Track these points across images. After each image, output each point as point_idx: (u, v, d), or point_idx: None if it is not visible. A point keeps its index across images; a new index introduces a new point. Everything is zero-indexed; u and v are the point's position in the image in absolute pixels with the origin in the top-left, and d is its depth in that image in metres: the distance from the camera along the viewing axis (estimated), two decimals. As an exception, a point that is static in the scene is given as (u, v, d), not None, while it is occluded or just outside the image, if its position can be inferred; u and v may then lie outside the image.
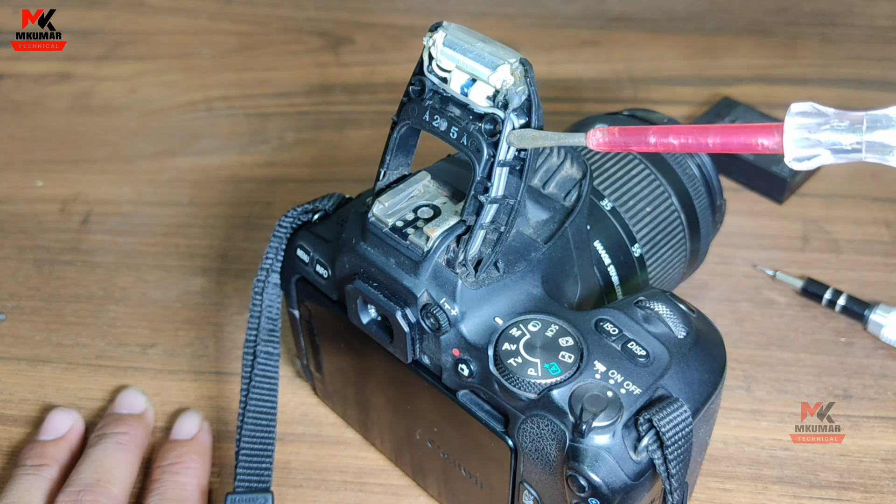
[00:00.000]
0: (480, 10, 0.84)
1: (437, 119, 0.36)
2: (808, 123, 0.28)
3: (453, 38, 0.35)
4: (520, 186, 0.35)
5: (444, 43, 0.35)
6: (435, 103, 0.36)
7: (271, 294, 0.44)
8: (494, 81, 0.34)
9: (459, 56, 0.34)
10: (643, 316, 0.37)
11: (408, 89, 0.37)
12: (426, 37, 0.35)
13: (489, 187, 0.35)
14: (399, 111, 0.37)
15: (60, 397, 0.52)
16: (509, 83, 0.33)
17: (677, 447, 0.33)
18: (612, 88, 0.74)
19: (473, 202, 0.35)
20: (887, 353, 0.53)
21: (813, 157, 0.28)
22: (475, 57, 0.34)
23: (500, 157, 0.34)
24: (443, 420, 0.40)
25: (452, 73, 0.35)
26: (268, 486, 0.43)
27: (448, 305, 0.36)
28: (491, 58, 0.34)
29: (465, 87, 0.35)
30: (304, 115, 0.73)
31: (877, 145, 0.27)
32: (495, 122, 0.34)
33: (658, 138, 0.30)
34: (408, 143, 0.39)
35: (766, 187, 0.63)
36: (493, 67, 0.34)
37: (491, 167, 0.35)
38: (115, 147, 0.70)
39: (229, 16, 0.84)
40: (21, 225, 0.64)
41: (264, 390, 0.45)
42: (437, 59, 0.35)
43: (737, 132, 0.29)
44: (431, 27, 0.35)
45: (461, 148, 0.35)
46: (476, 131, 0.35)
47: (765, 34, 0.79)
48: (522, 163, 0.35)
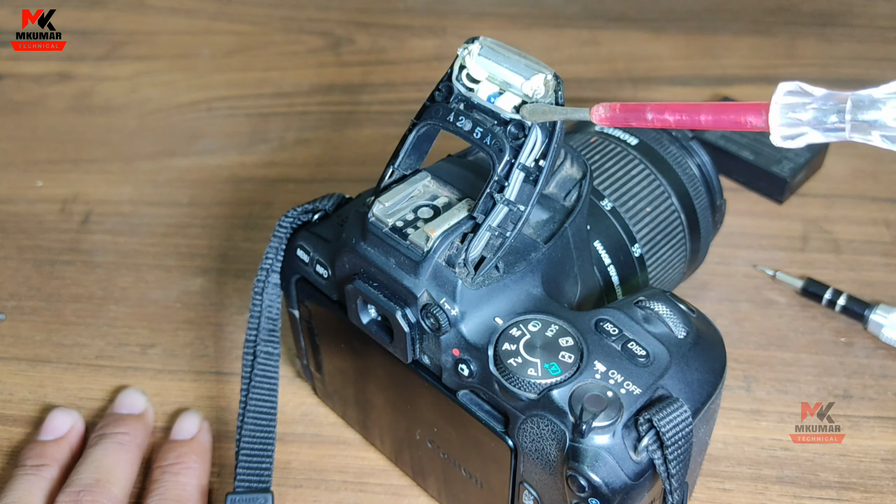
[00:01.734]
0: (481, 10, 0.84)
1: (461, 119, 0.37)
2: (795, 102, 0.28)
3: (490, 49, 0.36)
4: (532, 195, 0.36)
5: (479, 52, 0.36)
6: (460, 107, 0.37)
7: (271, 294, 0.44)
8: (527, 89, 0.35)
9: (494, 65, 0.36)
10: (643, 316, 0.37)
11: (433, 94, 0.38)
12: (461, 48, 0.37)
13: (505, 187, 0.35)
14: (420, 113, 0.38)
15: (60, 397, 0.52)
16: (540, 93, 0.35)
17: (677, 447, 0.33)
18: (612, 88, 0.74)
19: (487, 200, 0.36)
20: (887, 353, 0.53)
21: (798, 135, 0.29)
22: (511, 66, 0.36)
23: (521, 160, 0.35)
24: (443, 420, 0.40)
25: (481, 84, 0.36)
26: (268, 486, 0.43)
27: (448, 305, 0.36)
28: (526, 68, 0.35)
29: (492, 96, 0.36)
30: (304, 115, 0.73)
31: (861, 125, 0.28)
32: (521, 126, 0.35)
33: (655, 115, 0.31)
34: (422, 147, 0.39)
35: (766, 187, 0.63)
36: (528, 76, 0.35)
37: (510, 169, 0.35)
38: (115, 147, 0.70)
39: (229, 16, 0.84)
40: (21, 225, 0.64)
41: (264, 390, 0.45)
42: (469, 67, 0.36)
43: (727, 110, 0.29)
44: (468, 40, 0.37)
45: (483, 147, 0.36)
46: (501, 133, 0.36)
47: (765, 34, 0.79)
48: (539, 172, 0.36)
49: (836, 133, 0.28)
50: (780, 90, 0.29)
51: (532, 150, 0.35)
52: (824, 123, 0.28)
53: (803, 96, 0.28)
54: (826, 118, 0.28)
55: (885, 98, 0.27)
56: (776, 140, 0.29)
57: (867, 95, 0.27)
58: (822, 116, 0.28)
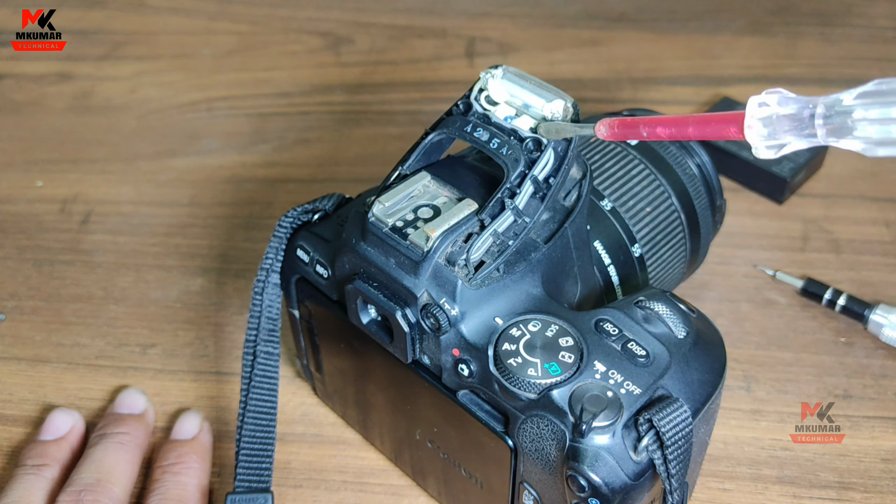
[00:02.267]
0: (481, 11, 0.84)
1: (479, 131, 0.38)
2: (767, 113, 0.29)
3: (513, 75, 0.38)
4: (537, 210, 0.37)
5: (502, 77, 0.38)
6: (479, 119, 0.38)
7: (271, 294, 0.44)
8: (546, 111, 0.37)
9: (516, 88, 0.38)
10: (643, 316, 0.37)
11: (451, 109, 0.39)
12: (484, 72, 0.39)
13: (517, 194, 0.36)
14: (436, 125, 0.40)
15: (60, 397, 0.52)
16: (559, 116, 0.37)
17: (677, 447, 0.33)
18: (612, 88, 0.74)
19: (497, 204, 0.37)
20: (887, 353, 0.53)
21: (777, 145, 0.29)
22: (532, 90, 0.38)
23: (535, 172, 0.37)
24: (443, 420, 0.40)
25: (499, 106, 0.38)
26: (268, 486, 0.43)
27: (448, 305, 0.36)
28: (547, 93, 0.37)
29: (509, 118, 0.38)
30: (304, 115, 0.73)
31: (833, 129, 0.28)
32: (539, 143, 0.37)
33: (648, 130, 0.33)
34: (431, 156, 0.40)
35: (766, 187, 0.63)
36: (549, 99, 0.37)
37: (523, 178, 0.37)
38: (115, 147, 0.70)
39: (229, 16, 0.84)
40: (21, 225, 0.64)
41: (264, 390, 0.45)
42: (489, 90, 0.38)
43: (710, 122, 0.31)
44: (492, 66, 0.39)
45: (499, 156, 0.37)
46: (517, 146, 0.37)
47: (764, 34, 0.79)
48: (547, 189, 0.37)
49: (810, 139, 0.28)
50: (752, 103, 0.29)
51: (546, 165, 0.37)
52: (799, 130, 0.28)
53: (778, 105, 0.29)
54: (800, 124, 0.28)
55: (854, 105, 0.27)
56: (760, 153, 0.29)
57: (835, 99, 0.28)
58: (796, 123, 0.28)
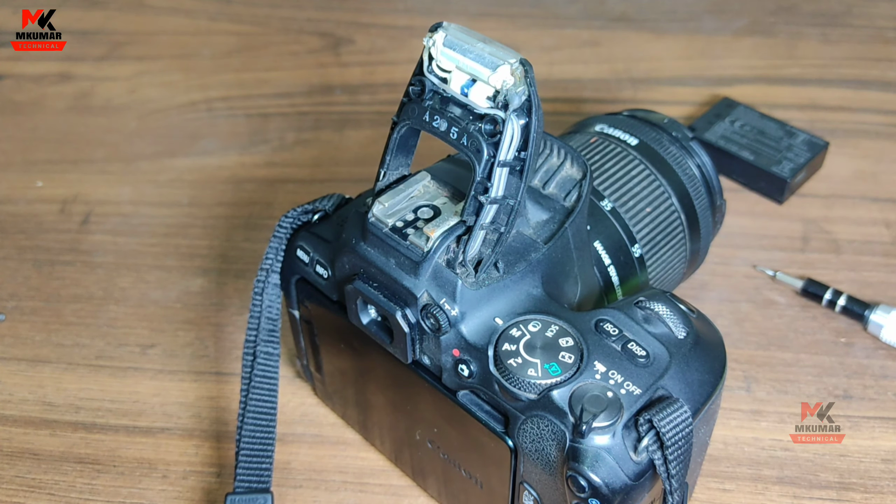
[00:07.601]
0: (481, 11, 0.84)
1: (437, 119, 0.36)
2: None
3: (453, 38, 0.35)
4: (520, 187, 0.35)
5: (444, 43, 0.35)
6: (435, 104, 0.36)
7: (271, 294, 0.44)
8: (494, 82, 0.34)
9: (459, 56, 0.34)
10: (643, 316, 0.37)
11: (408, 90, 0.37)
12: (426, 37, 0.35)
13: (489, 188, 0.35)
14: (399, 111, 0.37)
15: (60, 397, 0.52)
16: (509, 83, 0.33)
17: (677, 447, 0.33)
18: (612, 88, 0.74)
19: (473, 202, 0.35)
20: (887, 354, 0.53)
21: None
22: (475, 57, 0.34)
23: (501, 157, 0.34)
24: (443, 420, 0.40)
25: (452, 74, 0.35)
26: (268, 487, 0.43)
27: (448, 306, 0.36)
28: (491, 58, 0.34)
29: (465, 87, 0.35)
30: (304, 115, 0.73)
31: None
32: (495, 122, 0.34)
33: None
34: (408, 144, 0.39)
35: (766, 187, 0.63)
36: (493, 68, 0.33)
37: (491, 167, 0.35)
38: (115, 147, 0.70)
39: (229, 16, 0.84)
40: (21, 225, 0.64)
41: (264, 391, 0.45)
42: (437, 59, 0.35)
43: None
44: (431, 27, 0.35)
45: (461, 148, 0.35)
46: (476, 132, 0.35)
47: (765, 34, 0.79)
48: (522, 163, 0.35)
49: None
50: None
51: (511, 143, 0.34)
52: None
53: None
54: None
55: None
56: None
57: None
58: None
